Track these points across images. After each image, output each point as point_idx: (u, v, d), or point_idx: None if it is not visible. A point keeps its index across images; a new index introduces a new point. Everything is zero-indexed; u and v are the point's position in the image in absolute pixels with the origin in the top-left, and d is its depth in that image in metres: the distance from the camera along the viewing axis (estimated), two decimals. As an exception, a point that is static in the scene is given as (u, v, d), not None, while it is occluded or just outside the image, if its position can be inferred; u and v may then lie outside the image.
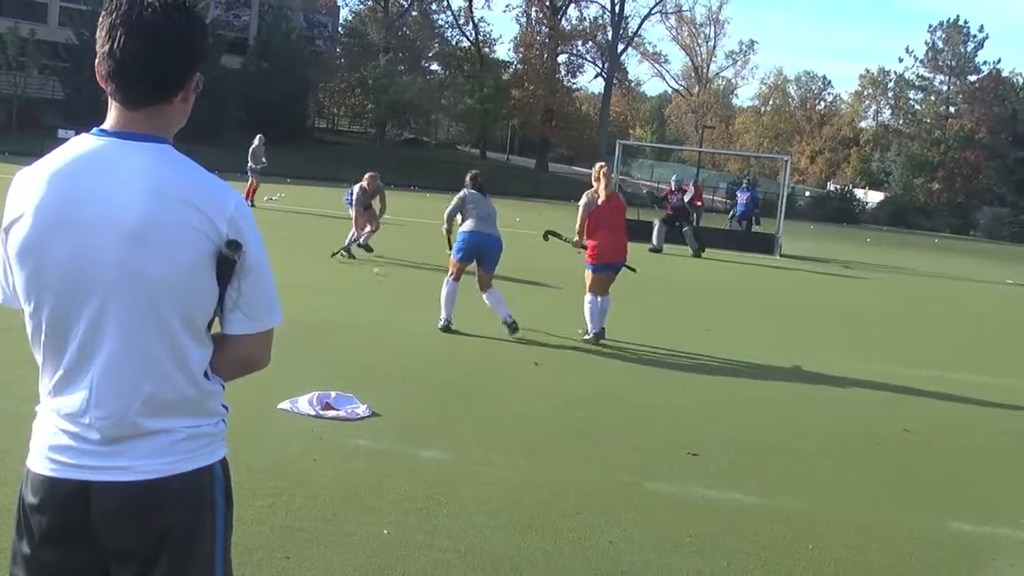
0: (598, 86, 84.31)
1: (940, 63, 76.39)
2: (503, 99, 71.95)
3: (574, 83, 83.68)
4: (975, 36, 75.39)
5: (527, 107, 74.51)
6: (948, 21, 76.09)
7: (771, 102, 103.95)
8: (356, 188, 18.35)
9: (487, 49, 78.21)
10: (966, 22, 75.65)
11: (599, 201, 11.06)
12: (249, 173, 27.32)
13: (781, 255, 27.15)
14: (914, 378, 10.80)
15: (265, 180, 43.17)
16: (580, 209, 11.12)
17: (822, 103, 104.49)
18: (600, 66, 79.48)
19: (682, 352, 11.05)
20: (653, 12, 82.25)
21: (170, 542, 2.25)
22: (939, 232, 63.96)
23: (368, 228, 18.21)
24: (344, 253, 17.21)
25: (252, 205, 26.78)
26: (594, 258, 11.07)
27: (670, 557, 5.05)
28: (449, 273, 11.00)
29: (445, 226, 11.36)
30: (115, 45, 2.22)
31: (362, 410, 7.10)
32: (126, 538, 2.24)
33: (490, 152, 79.73)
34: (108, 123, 2.31)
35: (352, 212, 18.37)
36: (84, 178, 2.22)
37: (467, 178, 11.65)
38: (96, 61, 2.30)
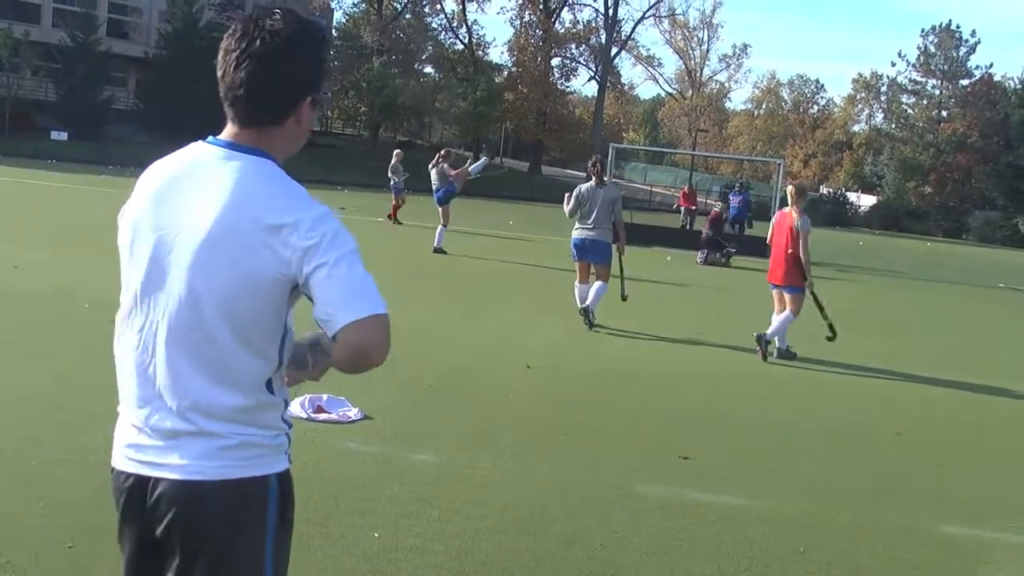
0: (592, 89, 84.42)
1: (932, 67, 76.58)
2: (497, 102, 71.94)
3: (568, 86, 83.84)
4: (967, 41, 75.67)
5: (521, 110, 74.53)
6: (940, 26, 76.36)
7: (764, 106, 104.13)
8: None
9: (481, 52, 78.27)
10: (958, 27, 75.96)
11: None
12: (392, 191, 26.55)
13: (774, 258, 27.17)
14: (906, 380, 10.82)
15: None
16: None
17: (815, 107, 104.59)
18: (593, 69, 79.64)
19: (673, 355, 11.07)
20: (647, 15, 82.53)
21: (209, 545, 2.32)
22: (931, 236, 64.14)
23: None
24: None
25: (398, 223, 26.07)
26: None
27: (661, 560, 5.05)
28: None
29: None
30: (227, 71, 2.32)
31: (354, 413, 7.10)
32: (172, 534, 2.33)
33: (484, 155, 79.65)
34: (223, 133, 2.39)
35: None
36: (183, 181, 2.33)
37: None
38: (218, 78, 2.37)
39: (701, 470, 6.72)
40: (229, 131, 2.38)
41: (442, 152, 21.67)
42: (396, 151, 27.47)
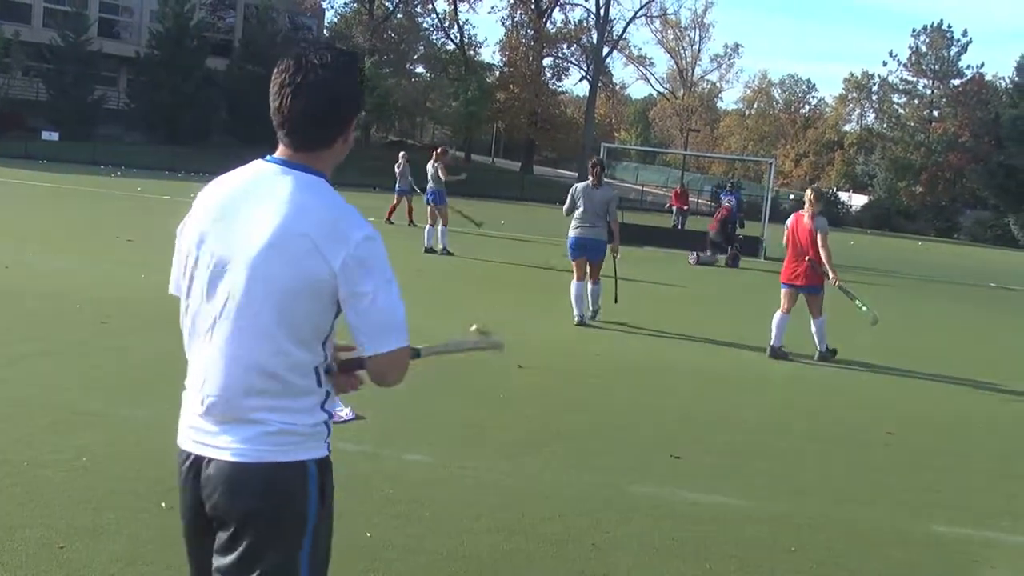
0: (583, 89, 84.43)
1: (924, 67, 76.62)
2: (488, 102, 71.87)
3: (559, 86, 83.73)
4: (958, 40, 75.67)
5: (512, 110, 74.46)
6: (932, 25, 76.34)
7: (756, 105, 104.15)
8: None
9: (472, 52, 78.18)
10: (949, 26, 75.93)
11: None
12: (396, 192, 26.31)
13: (766, 258, 27.18)
14: (897, 380, 10.85)
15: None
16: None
17: (806, 106, 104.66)
18: (585, 69, 79.54)
19: (665, 355, 11.08)
20: (638, 15, 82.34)
21: (252, 524, 2.56)
22: (923, 235, 64.26)
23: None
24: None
25: (389, 223, 25.91)
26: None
27: (652, 560, 5.06)
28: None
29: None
30: (283, 103, 2.58)
31: (345, 413, 7.09)
32: (218, 509, 2.59)
33: (475, 155, 79.70)
34: (278, 152, 2.65)
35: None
36: (244, 193, 2.59)
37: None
38: (271, 110, 2.63)
39: (693, 470, 6.73)
40: (283, 151, 2.64)
41: (438, 150, 21.67)
42: (401, 152, 27.34)
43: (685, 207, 36.19)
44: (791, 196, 78.12)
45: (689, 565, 5.04)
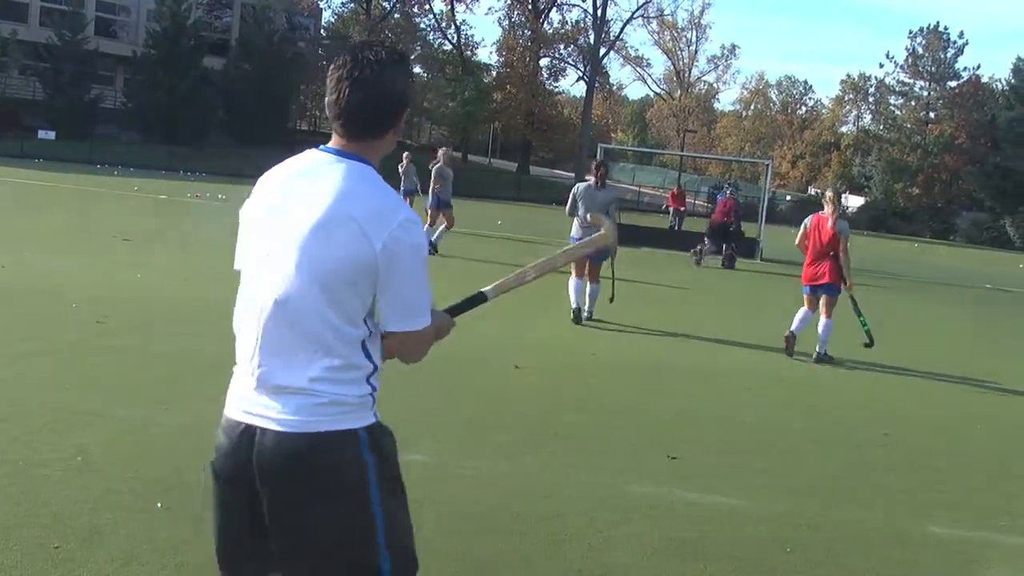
0: (580, 90, 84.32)
1: (920, 69, 76.65)
2: (485, 102, 71.91)
3: (556, 87, 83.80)
4: (955, 42, 75.71)
5: (509, 110, 74.49)
6: (928, 27, 76.38)
7: (752, 106, 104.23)
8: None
9: (469, 52, 78.25)
10: (946, 28, 75.96)
11: None
12: (402, 193, 26.25)
13: (762, 259, 27.22)
14: (894, 380, 10.86)
15: (248, 182, 43.09)
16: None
17: (803, 108, 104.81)
18: (582, 70, 79.54)
19: (663, 354, 11.08)
20: (635, 16, 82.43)
21: (308, 493, 2.68)
22: (919, 237, 64.33)
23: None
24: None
25: None
26: None
27: (650, 560, 5.05)
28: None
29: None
30: (340, 96, 2.75)
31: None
32: (273, 481, 2.69)
33: (472, 155, 79.73)
34: (331, 142, 2.83)
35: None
36: (299, 178, 2.79)
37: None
38: (325, 103, 2.82)
39: (690, 470, 6.73)
40: (336, 141, 2.82)
41: (441, 150, 21.68)
42: (405, 153, 27.30)
43: (682, 208, 36.19)
44: (788, 197, 78.28)
45: (686, 565, 5.03)
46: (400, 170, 26.21)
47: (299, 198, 2.73)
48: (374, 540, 2.74)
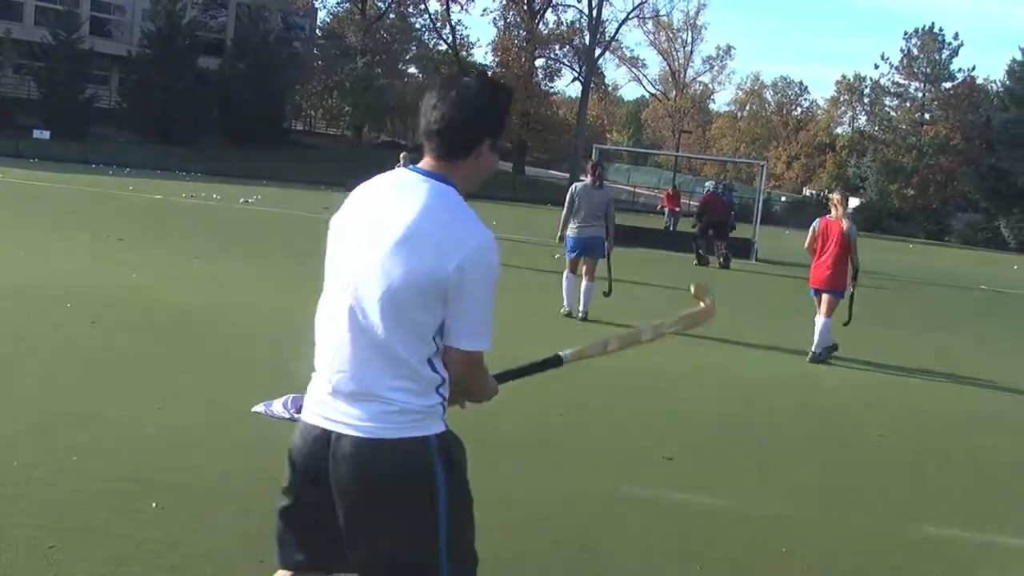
0: (575, 90, 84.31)
1: (915, 70, 76.71)
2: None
3: (551, 87, 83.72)
4: (950, 43, 75.77)
5: (504, 110, 74.41)
6: (923, 28, 76.41)
7: (748, 107, 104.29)
8: None
9: (465, 52, 78.18)
10: (941, 29, 76.00)
11: None
12: None
13: (757, 259, 27.25)
14: (888, 382, 10.87)
15: (242, 182, 42.99)
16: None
17: (798, 109, 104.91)
18: (577, 70, 79.51)
19: (657, 356, 11.07)
20: (631, 17, 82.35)
21: (381, 498, 2.82)
22: (914, 237, 64.38)
23: None
24: None
25: None
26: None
27: (644, 561, 5.06)
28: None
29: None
30: (428, 112, 2.92)
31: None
32: (346, 482, 2.83)
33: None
34: (421, 163, 2.97)
35: None
36: (386, 195, 2.93)
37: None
38: (421, 126, 2.97)
39: (685, 471, 6.73)
40: (425, 161, 2.96)
41: None
42: (402, 153, 27.25)
43: (677, 209, 36.18)
44: (783, 198, 78.33)
45: (680, 566, 5.03)
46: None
47: (381, 214, 2.86)
48: (437, 545, 2.85)
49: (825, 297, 11.58)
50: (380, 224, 2.84)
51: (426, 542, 2.85)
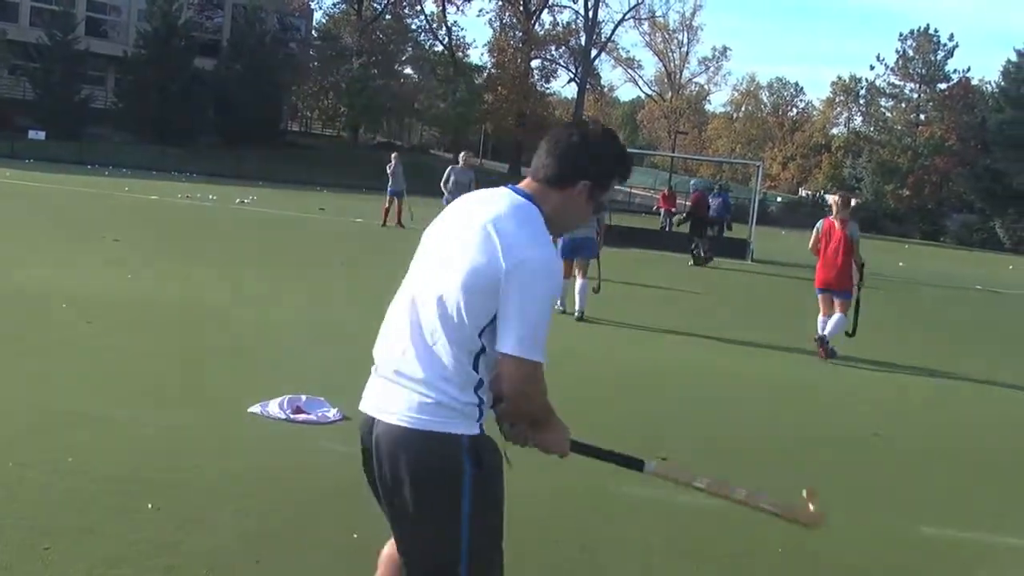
0: (571, 91, 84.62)
1: (911, 71, 76.88)
2: (476, 103, 71.92)
3: (547, 88, 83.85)
4: (945, 45, 75.95)
5: (500, 111, 74.53)
6: (919, 29, 76.62)
7: (743, 108, 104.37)
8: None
9: (461, 53, 78.25)
10: (936, 31, 76.22)
11: None
12: (389, 193, 26.14)
13: (753, 260, 27.26)
14: (884, 381, 10.88)
15: (238, 183, 42.97)
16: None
17: (794, 110, 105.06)
18: (573, 71, 79.67)
19: (651, 355, 11.08)
20: (627, 18, 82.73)
21: (409, 480, 2.91)
22: (909, 238, 64.47)
23: None
24: None
25: (384, 224, 26.15)
26: None
27: (640, 560, 5.05)
28: None
29: None
30: (546, 149, 3.07)
31: (333, 414, 7.07)
32: (384, 468, 2.97)
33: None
34: (521, 183, 3.12)
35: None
36: (472, 202, 3.06)
37: None
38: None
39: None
40: (525, 181, 3.10)
41: (462, 153, 21.64)
42: (394, 154, 27.23)
43: (673, 209, 36.23)
44: (779, 198, 78.38)
45: (676, 565, 5.03)
46: (388, 170, 26.21)
47: (464, 217, 3.00)
48: (458, 543, 2.95)
49: (837, 302, 11.77)
50: (455, 225, 2.99)
51: (447, 538, 2.94)
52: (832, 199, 12.39)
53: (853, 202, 13.03)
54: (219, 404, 7.07)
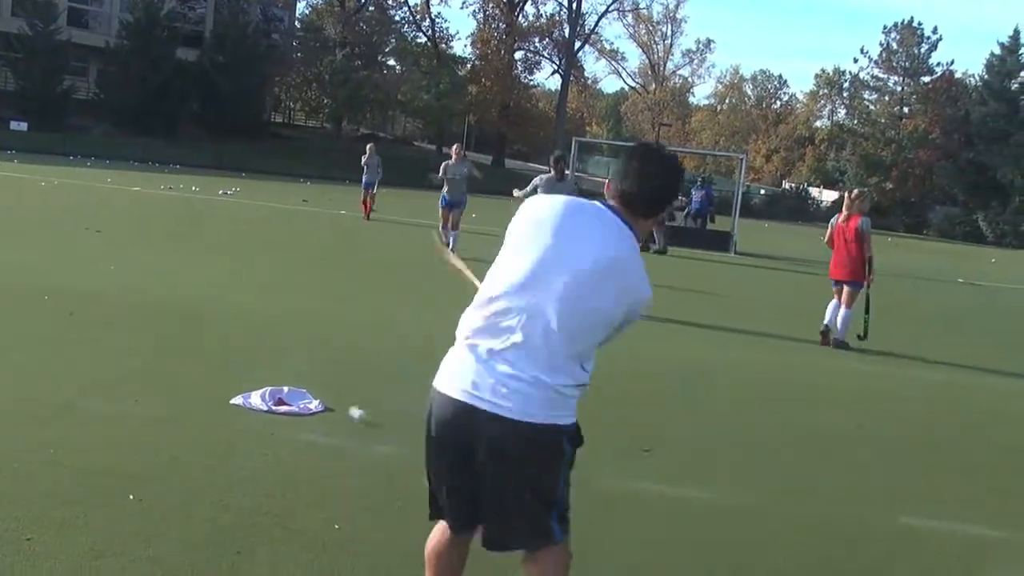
0: (555, 83, 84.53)
1: (894, 64, 77.00)
2: (460, 95, 71.81)
3: (531, 80, 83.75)
4: (928, 38, 76.09)
5: (484, 103, 74.43)
6: (902, 23, 76.71)
7: (727, 100, 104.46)
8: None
9: (444, 45, 78.07)
10: (920, 24, 76.33)
11: None
12: (364, 185, 26.07)
13: (736, 252, 27.32)
14: (866, 374, 10.91)
15: (221, 174, 42.82)
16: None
17: (778, 102, 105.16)
18: (557, 63, 79.60)
19: (634, 348, 11.09)
20: (610, 9, 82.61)
21: (519, 467, 3.32)
22: (893, 231, 64.64)
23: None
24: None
25: (367, 218, 26.12)
26: None
27: (623, 554, 5.07)
28: None
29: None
30: (632, 182, 3.50)
31: (315, 405, 7.07)
32: (491, 454, 3.29)
33: (447, 148, 79.52)
34: (615, 203, 3.51)
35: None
36: (591, 217, 3.44)
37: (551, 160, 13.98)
38: (618, 185, 3.53)
39: (662, 464, 6.74)
40: (620, 207, 3.48)
41: (455, 147, 21.67)
42: (369, 144, 27.21)
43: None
44: (762, 191, 78.50)
45: (659, 558, 5.05)
46: (363, 161, 26.22)
47: (578, 235, 3.35)
48: (553, 504, 3.47)
49: (846, 289, 12.26)
50: (579, 245, 3.32)
51: (548, 502, 3.44)
52: (846, 195, 12.73)
53: (835, 195, 13.30)
54: (201, 396, 7.06)
